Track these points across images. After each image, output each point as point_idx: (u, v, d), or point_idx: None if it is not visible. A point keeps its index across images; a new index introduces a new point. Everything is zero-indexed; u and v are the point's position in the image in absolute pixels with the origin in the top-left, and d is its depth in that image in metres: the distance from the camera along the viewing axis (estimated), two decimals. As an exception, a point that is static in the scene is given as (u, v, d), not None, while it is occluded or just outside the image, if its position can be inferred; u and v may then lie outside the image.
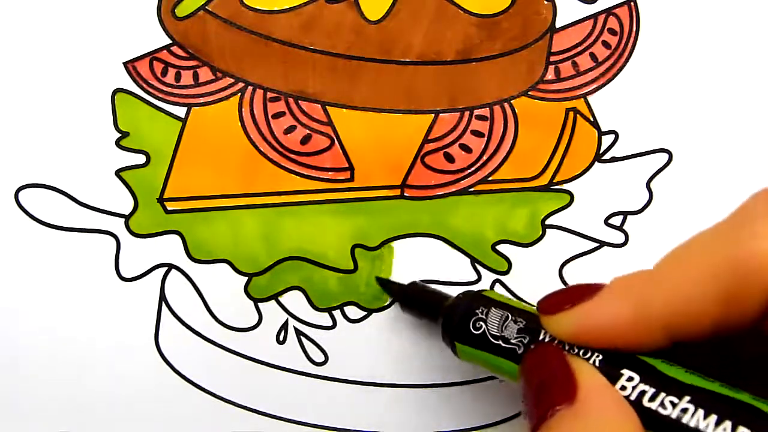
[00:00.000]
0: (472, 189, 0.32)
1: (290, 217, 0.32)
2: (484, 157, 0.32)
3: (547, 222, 0.33)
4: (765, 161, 0.32)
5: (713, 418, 0.20)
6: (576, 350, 0.23)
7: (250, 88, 0.31)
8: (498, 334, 0.26)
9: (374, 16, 0.31)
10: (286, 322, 0.33)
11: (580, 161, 0.32)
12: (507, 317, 0.26)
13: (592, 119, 0.32)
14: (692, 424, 0.20)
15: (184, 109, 0.32)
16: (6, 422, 0.33)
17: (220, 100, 0.31)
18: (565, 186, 0.32)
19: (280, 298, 0.33)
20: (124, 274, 0.32)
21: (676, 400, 0.20)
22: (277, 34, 0.31)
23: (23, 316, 0.33)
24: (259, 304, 0.33)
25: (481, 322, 0.26)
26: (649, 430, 0.21)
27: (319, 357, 0.33)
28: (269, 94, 0.32)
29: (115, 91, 0.31)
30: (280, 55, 0.31)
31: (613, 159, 0.32)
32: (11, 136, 0.31)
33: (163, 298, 0.33)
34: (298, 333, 0.33)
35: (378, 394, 0.34)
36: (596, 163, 0.32)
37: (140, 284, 0.33)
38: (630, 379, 0.21)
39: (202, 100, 0.31)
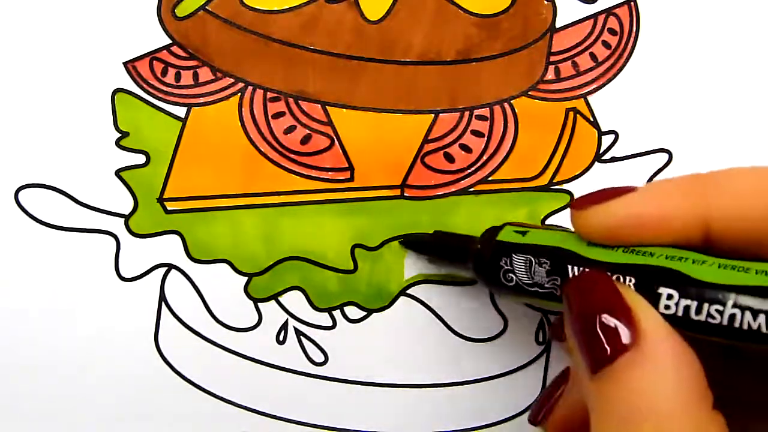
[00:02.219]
0: (472, 189, 0.32)
1: (290, 217, 0.32)
2: (484, 157, 0.32)
3: (547, 222, 0.33)
4: (765, 161, 0.32)
5: (762, 318, 0.20)
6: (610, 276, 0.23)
7: (250, 88, 0.31)
8: (530, 281, 0.25)
9: (374, 16, 0.31)
10: (286, 322, 0.33)
11: (580, 161, 0.32)
12: (531, 261, 0.25)
13: (592, 119, 0.32)
14: (744, 326, 0.20)
15: (184, 109, 0.32)
16: (6, 422, 0.33)
17: (220, 100, 0.31)
18: (565, 186, 0.32)
19: (280, 298, 0.33)
20: (124, 274, 0.32)
21: (720, 307, 0.20)
22: (277, 34, 0.31)
23: (23, 316, 0.33)
24: (259, 304, 0.33)
25: (510, 274, 0.26)
26: (702, 335, 0.21)
27: (319, 357, 0.33)
28: (269, 94, 0.32)
29: (115, 91, 0.31)
30: (280, 55, 0.31)
31: (613, 159, 0.32)
32: (11, 136, 0.31)
33: (162, 298, 0.33)
34: (298, 333, 0.33)
35: (378, 394, 0.34)
36: (596, 163, 0.32)
37: (140, 284, 0.33)
38: (670, 297, 0.21)
39: (202, 100, 0.31)
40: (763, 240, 0.21)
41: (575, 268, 0.24)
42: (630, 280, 0.22)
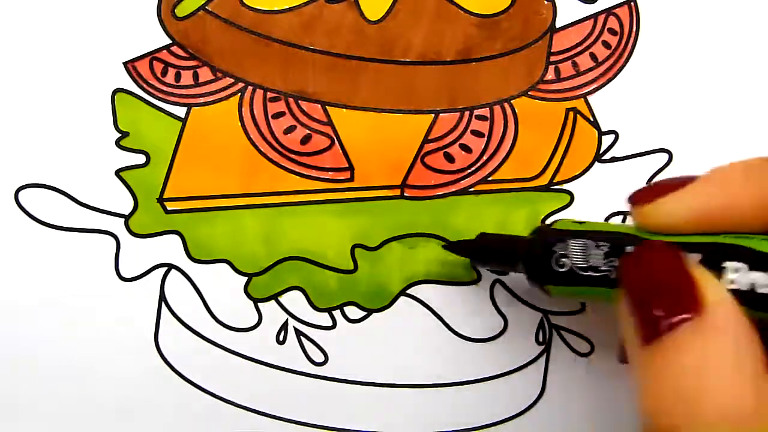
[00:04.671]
0: (472, 189, 0.32)
1: (290, 217, 0.32)
2: (484, 157, 0.32)
3: (547, 222, 0.33)
4: (765, 161, 0.32)
5: None
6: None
7: (250, 88, 0.31)
8: (585, 265, 0.24)
9: (374, 16, 0.31)
10: (286, 322, 0.33)
11: (580, 161, 0.32)
12: (587, 245, 0.24)
13: (592, 119, 0.32)
14: None
15: (184, 109, 0.32)
16: (6, 422, 0.33)
17: (220, 100, 0.31)
18: (565, 186, 0.32)
19: (280, 298, 0.33)
20: (124, 274, 0.32)
21: None
22: (277, 34, 0.31)
23: (23, 317, 0.33)
24: (259, 304, 0.33)
25: (564, 259, 0.25)
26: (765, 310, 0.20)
27: (319, 357, 0.33)
28: (269, 94, 0.32)
29: (115, 91, 0.31)
30: (280, 55, 0.31)
31: (613, 159, 0.32)
32: (11, 136, 0.31)
33: (162, 298, 0.33)
34: (298, 333, 0.33)
35: (378, 394, 0.34)
36: (596, 163, 0.32)
37: (140, 284, 0.33)
38: (736, 270, 0.21)
39: (202, 100, 0.31)
40: None
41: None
42: (696, 257, 0.22)
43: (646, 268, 0.21)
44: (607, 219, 0.32)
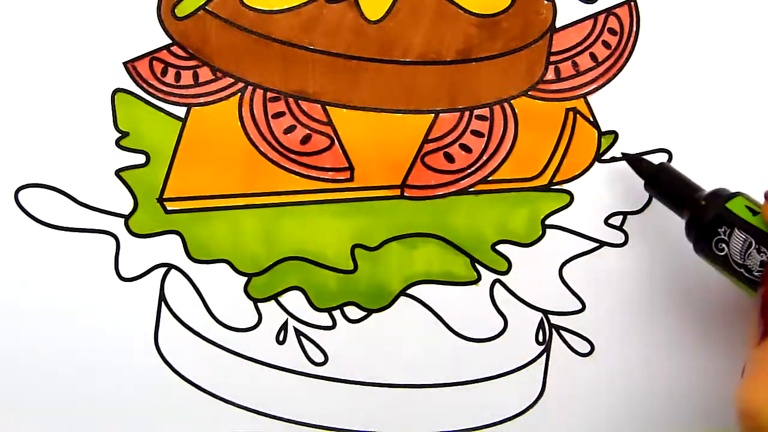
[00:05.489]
0: (472, 189, 0.32)
1: (290, 217, 0.32)
2: (484, 157, 0.32)
3: (547, 222, 0.33)
4: (764, 161, 0.32)
5: None
6: None
7: (250, 88, 0.31)
8: (741, 262, 0.25)
9: (374, 16, 0.31)
10: (286, 323, 0.33)
11: (580, 161, 0.32)
12: (750, 244, 0.25)
13: (592, 119, 0.32)
14: None
15: (184, 109, 0.31)
16: (6, 422, 0.33)
17: (220, 100, 0.31)
18: (565, 186, 0.32)
19: (280, 298, 0.33)
20: (124, 274, 0.32)
21: None
22: (277, 34, 0.31)
23: (23, 316, 0.33)
24: (259, 304, 0.33)
25: (724, 245, 0.26)
26: None
27: (319, 357, 0.33)
28: (269, 94, 0.32)
29: (115, 91, 0.31)
30: (280, 55, 0.31)
31: (613, 159, 0.32)
32: (11, 136, 0.31)
33: (162, 298, 0.33)
34: (298, 333, 0.33)
35: (378, 394, 0.34)
36: (596, 163, 0.32)
37: (140, 284, 0.33)
38: None
39: (202, 100, 0.31)
40: None
41: None
42: None
43: None
44: (606, 219, 0.32)
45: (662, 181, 0.30)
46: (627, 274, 0.33)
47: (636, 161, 0.31)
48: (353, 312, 0.33)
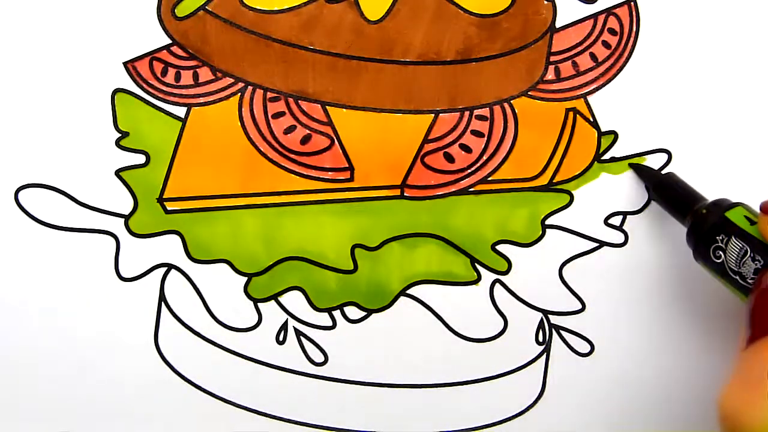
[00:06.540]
0: (472, 189, 0.32)
1: (290, 217, 0.32)
2: (484, 157, 0.32)
3: (547, 222, 0.33)
4: (764, 161, 0.32)
5: None
6: None
7: (250, 88, 0.31)
8: (736, 269, 0.26)
9: (374, 16, 0.31)
10: (286, 323, 0.33)
11: (580, 161, 0.32)
12: (746, 252, 0.26)
13: (592, 119, 0.32)
14: None
15: (184, 109, 0.31)
16: (6, 422, 0.33)
17: (220, 100, 0.31)
18: (565, 186, 0.32)
19: (280, 298, 0.33)
20: (124, 274, 0.32)
21: None
22: (277, 34, 0.31)
23: (23, 316, 0.33)
24: (259, 304, 0.33)
25: (721, 252, 0.27)
26: None
27: (319, 357, 0.33)
28: (269, 94, 0.32)
29: (115, 91, 0.31)
30: (280, 55, 0.31)
31: (613, 159, 0.32)
32: (11, 136, 0.31)
33: (162, 298, 0.33)
34: (298, 333, 0.33)
35: (378, 394, 0.34)
36: (596, 163, 0.32)
37: (140, 284, 0.33)
38: None
39: (202, 100, 0.31)
40: None
41: None
42: None
43: None
44: (606, 219, 0.32)
45: (666, 190, 0.31)
46: (627, 274, 0.33)
47: (641, 169, 0.32)
48: (353, 312, 0.33)
